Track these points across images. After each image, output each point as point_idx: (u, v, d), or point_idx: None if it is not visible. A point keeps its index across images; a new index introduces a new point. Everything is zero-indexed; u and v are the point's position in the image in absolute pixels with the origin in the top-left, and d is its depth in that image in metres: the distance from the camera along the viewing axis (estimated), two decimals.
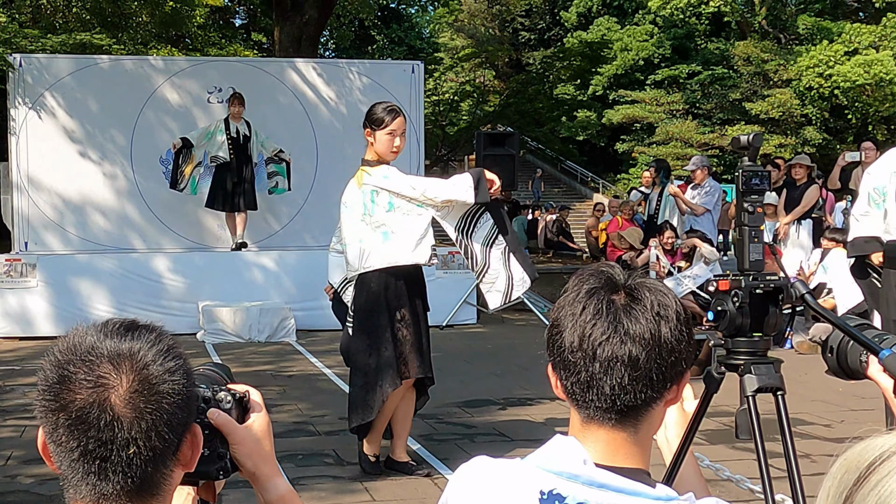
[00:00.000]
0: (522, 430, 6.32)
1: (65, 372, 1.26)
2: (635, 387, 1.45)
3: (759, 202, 2.45)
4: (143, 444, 1.26)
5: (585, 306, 1.48)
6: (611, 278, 1.51)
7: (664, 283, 1.54)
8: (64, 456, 1.27)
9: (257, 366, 8.63)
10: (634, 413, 1.47)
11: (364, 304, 5.21)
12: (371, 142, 5.45)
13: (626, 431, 1.48)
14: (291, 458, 5.68)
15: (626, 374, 1.44)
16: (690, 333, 1.51)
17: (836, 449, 1.06)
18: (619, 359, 1.44)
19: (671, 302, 1.49)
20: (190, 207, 12.30)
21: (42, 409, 1.27)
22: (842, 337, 2.11)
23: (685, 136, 30.16)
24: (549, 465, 1.44)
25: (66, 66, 12.06)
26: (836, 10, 32.63)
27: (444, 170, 25.60)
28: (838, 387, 7.59)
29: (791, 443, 2.27)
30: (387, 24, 40.47)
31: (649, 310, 1.46)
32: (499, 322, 12.13)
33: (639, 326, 1.45)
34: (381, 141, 5.40)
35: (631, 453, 1.48)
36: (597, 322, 1.46)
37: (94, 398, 1.25)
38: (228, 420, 1.46)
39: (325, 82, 12.91)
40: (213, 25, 26.31)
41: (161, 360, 1.29)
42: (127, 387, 1.26)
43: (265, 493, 1.52)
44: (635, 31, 35.51)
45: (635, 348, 1.44)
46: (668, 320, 1.46)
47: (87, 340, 1.29)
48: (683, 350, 1.48)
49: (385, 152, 5.47)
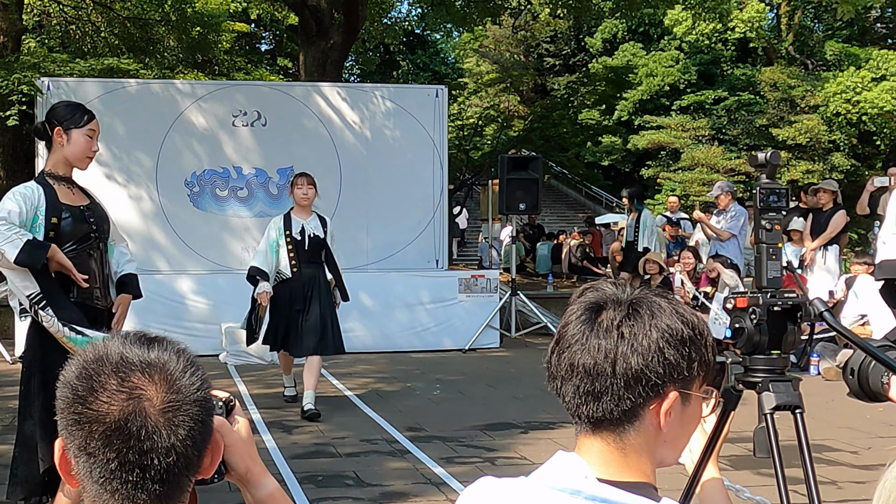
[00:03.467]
0: (544, 454, 6.24)
1: (95, 383, 1.27)
2: (590, 398, 1.46)
3: (777, 220, 2.42)
4: (182, 452, 1.28)
5: (571, 315, 1.51)
6: (610, 294, 1.51)
7: (671, 304, 1.50)
8: (98, 468, 1.27)
9: (279, 388, 8.62)
10: (606, 426, 1.47)
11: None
12: (61, 144, 4.28)
13: (606, 443, 1.48)
14: (311, 479, 5.66)
15: (582, 384, 1.46)
16: (672, 359, 1.45)
17: (862, 476, 1.04)
18: (576, 367, 1.46)
19: (647, 324, 1.45)
20: (214, 230, 12.36)
21: (70, 421, 1.27)
22: (863, 359, 2.07)
23: (711, 161, 30.04)
24: (552, 482, 1.44)
25: (94, 90, 12.18)
26: (863, 37, 32.53)
27: (467, 194, 25.62)
28: (865, 413, 7.48)
29: (810, 462, 2.23)
30: (412, 49, 40.68)
31: (615, 327, 1.46)
32: (521, 346, 12.08)
33: (598, 341, 1.45)
34: (77, 142, 4.29)
35: (625, 466, 1.46)
36: (573, 329, 1.49)
37: (130, 408, 1.26)
38: (224, 423, 1.49)
39: (349, 106, 12.96)
40: (240, 51, 26.56)
41: (188, 369, 1.32)
42: (162, 397, 1.27)
43: (256, 491, 1.55)
44: (661, 57, 35.48)
45: (590, 360, 1.45)
46: (634, 339, 1.44)
47: (114, 351, 1.30)
48: (654, 372, 1.44)
49: (81, 155, 4.33)
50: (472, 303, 11.90)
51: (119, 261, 4.55)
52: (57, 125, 4.22)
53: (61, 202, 4.22)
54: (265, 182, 12.61)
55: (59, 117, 4.24)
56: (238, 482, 1.55)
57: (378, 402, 8.25)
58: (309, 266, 7.71)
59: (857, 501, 5.22)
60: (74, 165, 4.32)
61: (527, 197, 12.65)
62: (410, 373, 9.97)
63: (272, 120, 12.58)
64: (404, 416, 7.54)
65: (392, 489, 5.50)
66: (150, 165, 12.32)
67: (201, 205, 12.46)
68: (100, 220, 4.37)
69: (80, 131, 4.24)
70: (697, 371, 1.48)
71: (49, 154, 4.32)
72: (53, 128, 4.22)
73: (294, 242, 7.70)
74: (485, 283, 11.99)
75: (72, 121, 4.24)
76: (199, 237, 12.36)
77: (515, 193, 12.60)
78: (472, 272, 12.70)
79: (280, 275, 7.74)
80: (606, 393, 1.45)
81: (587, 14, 21.96)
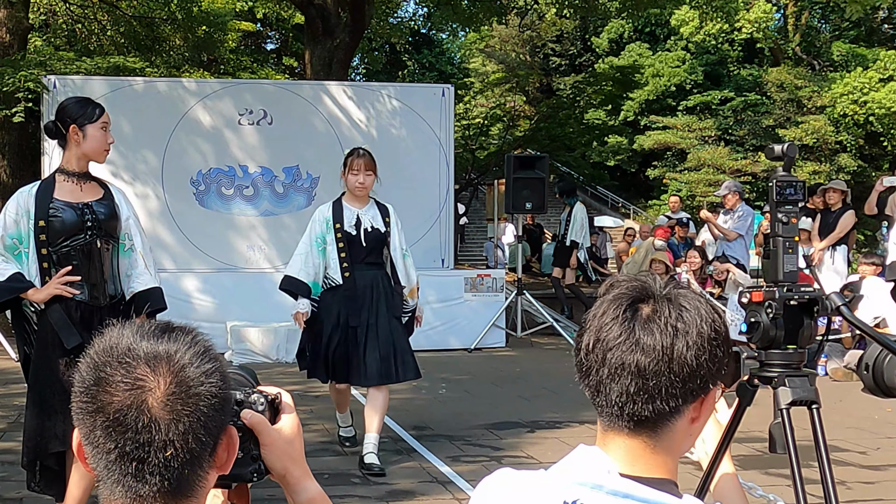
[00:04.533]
0: (550, 453, 6.24)
1: (102, 374, 1.26)
2: (641, 397, 1.41)
3: (794, 213, 2.39)
4: (181, 447, 1.26)
5: (606, 310, 1.46)
6: (642, 287, 1.48)
7: (705, 299, 1.49)
8: (101, 458, 1.27)
9: (285, 386, 8.54)
10: (648, 424, 1.43)
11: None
12: (77, 142, 4.27)
13: (642, 441, 1.44)
14: (318, 476, 5.54)
15: (633, 383, 1.41)
16: (715, 353, 1.45)
17: (871, 476, 1.01)
18: (627, 366, 1.41)
19: (695, 319, 1.44)
20: (219, 229, 12.35)
21: (79, 410, 1.28)
22: (878, 353, 2.05)
23: (717, 162, 30.00)
24: (572, 476, 1.40)
25: (100, 88, 12.16)
26: (871, 37, 32.47)
27: (473, 194, 25.60)
28: (874, 414, 7.46)
29: (827, 458, 2.20)
30: (418, 49, 40.67)
31: (665, 323, 1.42)
32: (528, 346, 12.06)
33: (651, 338, 1.41)
34: (93, 137, 4.27)
35: (653, 463, 1.43)
36: (613, 326, 1.44)
37: (131, 400, 1.25)
38: (261, 420, 1.45)
39: (355, 105, 12.94)
40: (245, 50, 26.56)
41: (198, 362, 1.29)
42: (164, 389, 1.26)
43: (295, 495, 1.52)
44: (667, 57, 35.45)
45: (644, 358, 1.41)
46: (687, 335, 1.42)
47: (123, 342, 1.29)
48: (702, 368, 1.42)
49: (99, 149, 4.33)
50: (478, 302, 11.88)
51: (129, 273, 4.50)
52: (71, 123, 4.24)
53: (57, 199, 4.25)
54: (271, 181, 12.59)
55: (72, 115, 4.26)
56: (280, 482, 1.51)
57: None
58: (366, 269, 6.03)
59: (866, 502, 5.19)
60: (92, 159, 4.35)
61: (533, 196, 12.61)
62: None
63: (278, 118, 12.56)
64: (410, 415, 7.52)
65: (398, 488, 5.48)
66: (155, 164, 12.31)
67: (207, 203, 12.44)
68: (104, 216, 4.35)
69: (95, 126, 4.27)
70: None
71: (64, 151, 4.33)
72: (67, 126, 4.24)
73: (347, 238, 6.04)
74: (491, 283, 11.97)
75: (85, 116, 4.25)
76: (204, 236, 12.35)
77: (521, 193, 12.57)
78: (479, 272, 12.67)
79: (329, 281, 6.04)
80: (661, 391, 1.41)
81: (593, 14, 21.92)
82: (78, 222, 4.27)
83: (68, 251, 4.25)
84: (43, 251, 4.23)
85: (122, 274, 4.45)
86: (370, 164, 6.11)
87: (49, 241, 4.23)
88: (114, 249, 4.42)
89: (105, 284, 4.37)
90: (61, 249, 4.24)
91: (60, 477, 4.26)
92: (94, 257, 4.31)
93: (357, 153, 6.17)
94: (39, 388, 4.21)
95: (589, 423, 7.13)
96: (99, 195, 4.37)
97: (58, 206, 4.24)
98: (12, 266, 4.22)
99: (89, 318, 4.26)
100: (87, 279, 4.28)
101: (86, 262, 4.28)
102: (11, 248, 4.25)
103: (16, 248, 4.25)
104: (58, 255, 4.24)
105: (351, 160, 6.15)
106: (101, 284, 4.34)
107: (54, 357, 4.18)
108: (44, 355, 4.22)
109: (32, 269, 4.24)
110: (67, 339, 4.16)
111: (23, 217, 4.24)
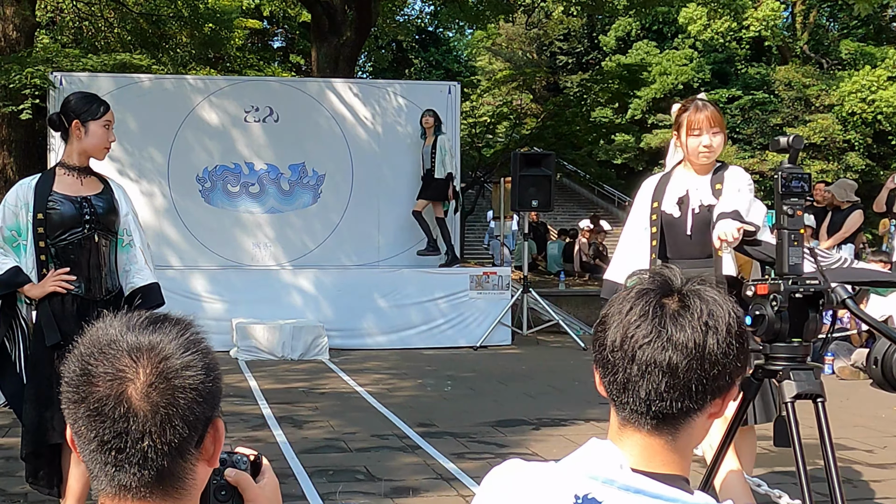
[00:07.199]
0: (556, 451, 6.22)
1: (87, 365, 1.28)
2: (672, 395, 1.39)
3: (799, 205, 2.36)
4: (158, 437, 1.26)
5: (633, 306, 1.43)
6: (666, 281, 1.45)
7: (722, 294, 1.47)
8: (85, 447, 1.29)
9: (290, 383, 8.60)
10: (672, 421, 1.41)
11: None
12: (79, 137, 4.28)
13: (662, 438, 1.41)
14: (322, 473, 5.62)
15: (664, 380, 1.39)
16: (741, 347, 1.44)
17: (878, 474, 0.99)
18: (658, 364, 1.39)
19: (724, 313, 1.42)
20: (225, 226, 12.35)
21: (66, 401, 1.30)
22: (886, 348, 2.03)
23: (725, 160, 29.90)
24: (584, 469, 1.39)
25: (107, 85, 12.17)
26: (879, 36, 32.37)
27: (479, 192, 25.56)
28: (880, 412, 7.42)
29: (832, 452, 2.18)
30: (424, 47, 40.60)
31: (697, 319, 1.40)
32: (533, 343, 12.03)
33: (683, 334, 1.39)
34: (94, 134, 4.28)
35: (668, 460, 1.42)
36: (641, 324, 1.41)
37: (112, 390, 1.26)
38: (245, 477, 1.49)
39: (362, 102, 12.93)
40: (252, 47, 26.57)
41: (180, 353, 1.29)
42: (144, 380, 1.26)
43: None
44: (675, 56, 35.35)
45: (676, 356, 1.38)
46: (717, 332, 1.40)
47: (108, 334, 1.31)
48: (730, 364, 1.41)
49: (100, 146, 4.35)
50: (483, 300, 11.86)
51: (128, 268, 4.49)
52: (74, 118, 4.24)
53: (56, 192, 4.25)
54: (277, 178, 12.59)
55: (76, 110, 4.26)
56: None
57: (389, 398, 8.21)
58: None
59: (872, 500, 5.16)
60: (92, 156, 4.34)
61: (539, 194, 12.59)
62: (422, 369, 9.93)
63: (284, 116, 12.56)
64: (415, 412, 7.50)
65: (403, 484, 5.47)
66: (161, 161, 12.32)
67: (213, 200, 12.45)
68: (102, 210, 4.34)
69: (98, 123, 4.26)
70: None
71: (66, 145, 4.34)
72: (70, 120, 4.24)
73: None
74: (497, 281, 11.94)
75: (88, 112, 4.25)
76: (210, 233, 12.35)
77: (528, 190, 12.54)
78: (484, 269, 12.65)
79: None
80: (691, 388, 1.39)
81: (601, 12, 21.89)
82: (76, 216, 4.26)
83: (66, 244, 4.25)
84: (41, 244, 4.22)
85: (120, 269, 4.44)
86: (715, 118, 4.44)
87: (47, 234, 4.23)
88: (112, 244, 4.41)
89: (102, 279, 4.36)
90: (59, 243, 4.24)
91: (59, 471, 4.27)
92: (91, 251, 4.31)
93: (701, 106, 4.39)
94: (37, 381, 4.22)
95: (594, 421, 7.11)
96: (98, 190, 4.37)
97: (56, 199, 4.24)
98: (11, 260, 4.22)
99: (85, 311, 4.25)
100: (84, 273, 4.28)
101: (83, 256, 4.28)
102: (10, 239, 4.25)
103: (14, 240, 4.25)
104: (56, 249, 4.24)
105: (689, 117, 4.37)
106: (97, 279, 4.33)
107: (51, 350, 4.18)
108: (41, 349, 4.22)
109: (29, 262, 4.24)
110: (49, 335, 4.17)
111: (22, 209, 4.24)
